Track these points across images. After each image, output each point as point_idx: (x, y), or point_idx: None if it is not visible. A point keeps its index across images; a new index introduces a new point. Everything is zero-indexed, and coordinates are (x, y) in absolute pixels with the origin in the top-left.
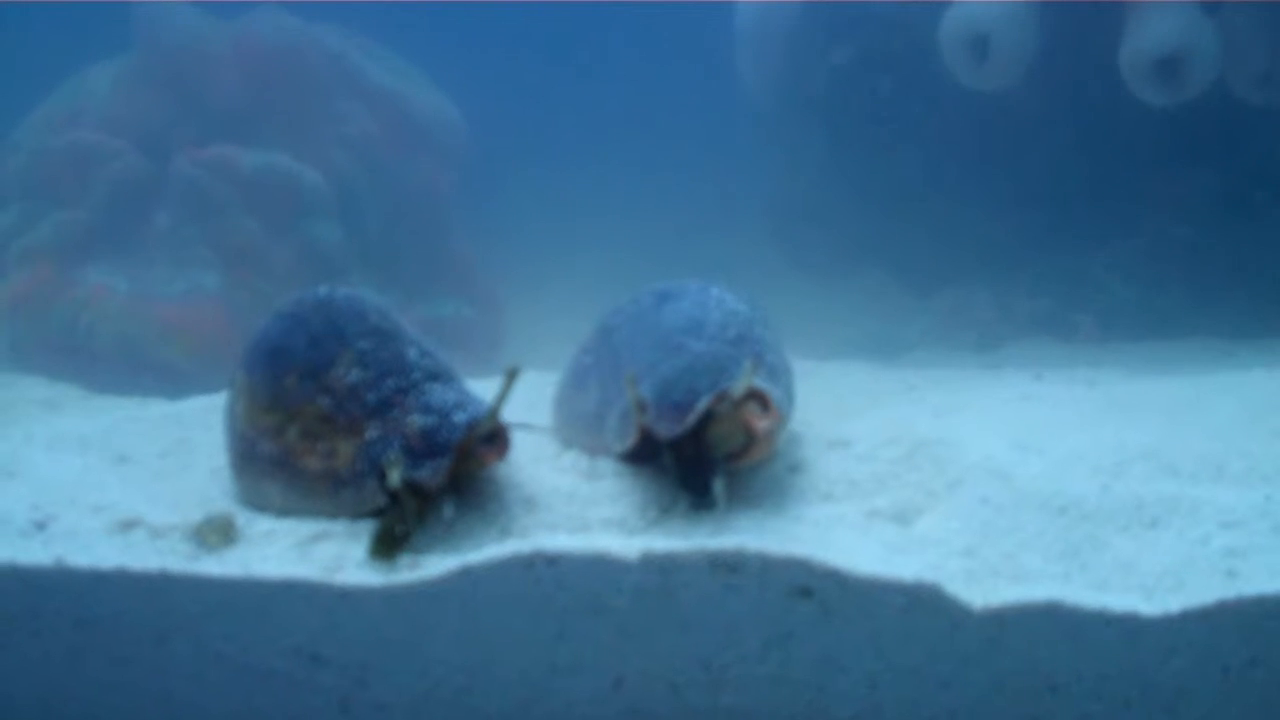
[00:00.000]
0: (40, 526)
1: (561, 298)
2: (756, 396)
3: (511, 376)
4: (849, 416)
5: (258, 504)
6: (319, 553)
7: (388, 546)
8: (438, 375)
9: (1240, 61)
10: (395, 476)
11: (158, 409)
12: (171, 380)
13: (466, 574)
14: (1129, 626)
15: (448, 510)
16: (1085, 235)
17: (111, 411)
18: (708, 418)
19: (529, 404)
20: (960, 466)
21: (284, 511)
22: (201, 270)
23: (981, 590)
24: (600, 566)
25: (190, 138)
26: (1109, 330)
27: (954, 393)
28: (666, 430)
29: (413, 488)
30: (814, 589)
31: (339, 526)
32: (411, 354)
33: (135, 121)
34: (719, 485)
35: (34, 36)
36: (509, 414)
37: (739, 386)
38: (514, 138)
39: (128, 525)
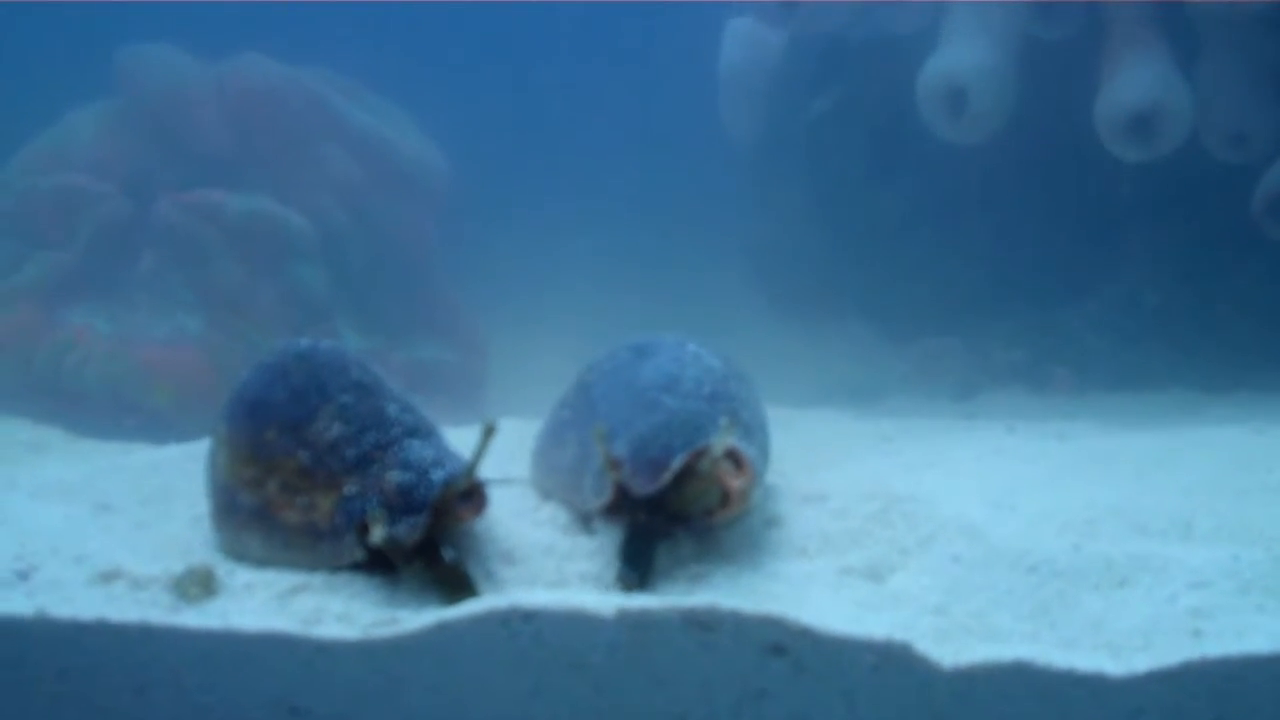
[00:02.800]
0: (23, 576)
1: (545, 338)
2: (731, 455)
3: (488, 434)
4: (825, 469)
5: (238, 555)
6: (298, 605)
7: (468, 589)
8: (417, 431)
9: (1214, 120)
10: (379, 533)
11: (140, 456)
12: (154, 423)
13: (443, 628)
14: (1096, 686)
15: (450, 554)
16: (1062, 287)
17: (95, 457)
18: (683, 475)
19: (509, 453)
20: (933, 524)
21: (264, 563)
22: (185, 314)
23: (952, 648)
24: (576, 623)
25: (174, 181)
26: (1084, 381)
27: (928, 445)
28: (641, 487)
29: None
30: (787, 647)
31: (318, 579)
32: (391, 409)
33: (119, 164)
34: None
35: (18, 78)
36: (490, 466)
37: (717, 445)
38: (498, 180)
39: (109, 576)
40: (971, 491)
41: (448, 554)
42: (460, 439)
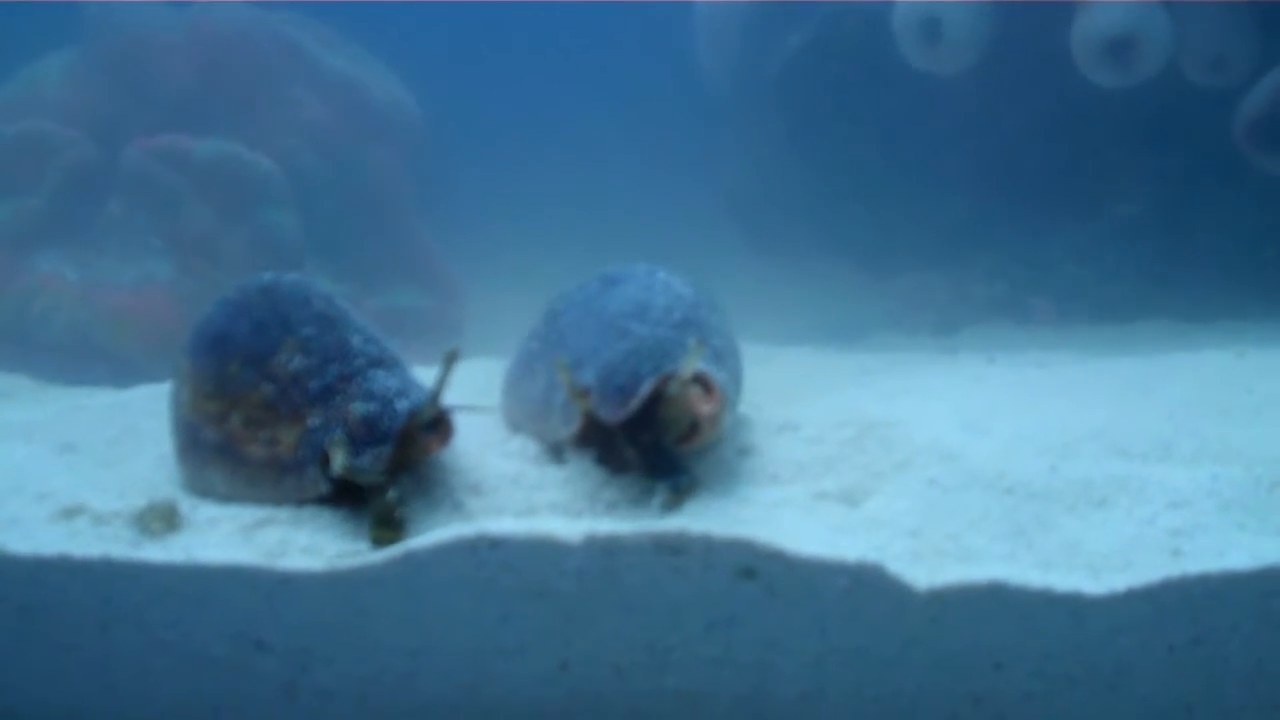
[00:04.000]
0: None
1: (522, 286)
2: (700, 380)
3: (450, 360)
4: (800, 401)
5: (202, 491)
6: (262, 539)
7: (391, 530)
8: (381, 362)
9: (1192, 45)
10: (339, 459)
11: (105, 397)
12: (123, 370)
13: (410, 558)
14: (1074, 606)
15: (392, 495)
16: (1042, 220)
17: (60, 401)
18: (657, 401)
19: (481, 390)
20: (908, 448)
21: (228, 498)
22: (153, 259)
23: (926, 570)
24: (544, 549)
25: (143, 126)
26: (1064, 314)
27: (907, 376)
28: (610, 414)
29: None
30: (758, 570)
31: (283, 513)
32: (355, 340)
33: (87, 110)
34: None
35: None
36: (460, 400)
37: (685, 369)
38: (474, 127)
39: (71, 513)
40: (948, 416)
41: (393, 493)
42: (429, 378)
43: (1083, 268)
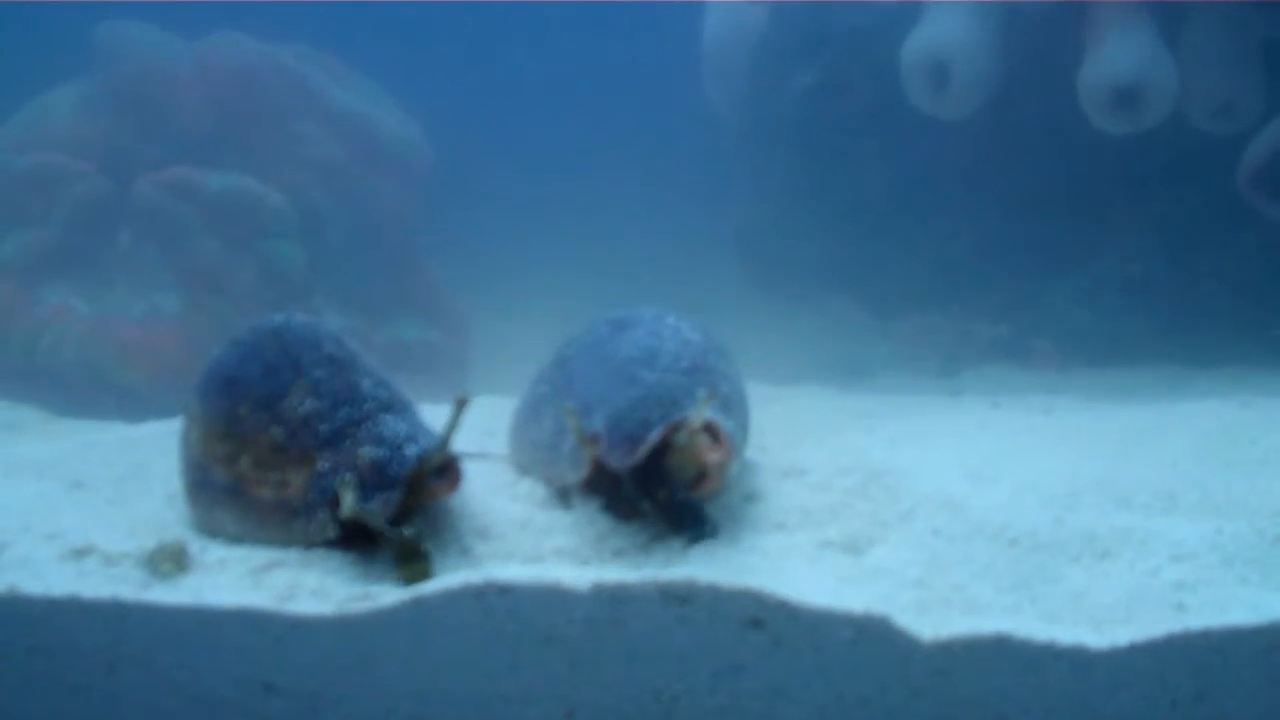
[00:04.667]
0: None
1: (529, 319)
2: (708, 429)
3: (460, 406)
4: (806, 444)
5: (211, 531)
6: (272, 581)
7: (420, 562)
8: (391, 406)
9: (1198, 92)
10: (349, 501)
11: (114, 434)
12: (132, 402)
13: (419, 604)
14: (1077, 659)
15: (410, 531)
16: (1047, 262)
17: (70, 435)
18: (660, 450)
19: (488, 430)
20: (913, 497)
21: (237, 539)
22: (162, 293)
23: (931, 621)
24: (552, 597)
25: (153, 159)
26: (1068, 356)
27: (911, 421)
28: (618, 461)
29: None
30: (765, 620)
31: (292, 555)
32: (365, 384)
33: (98, 142)
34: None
35: None
36: (467, 443)
37: (694, 420)
38: (482, 161)
39: (81, 553)
40: (952, 465)
41: (408, 530)
42: (439, 417)
43: (1086, 311)
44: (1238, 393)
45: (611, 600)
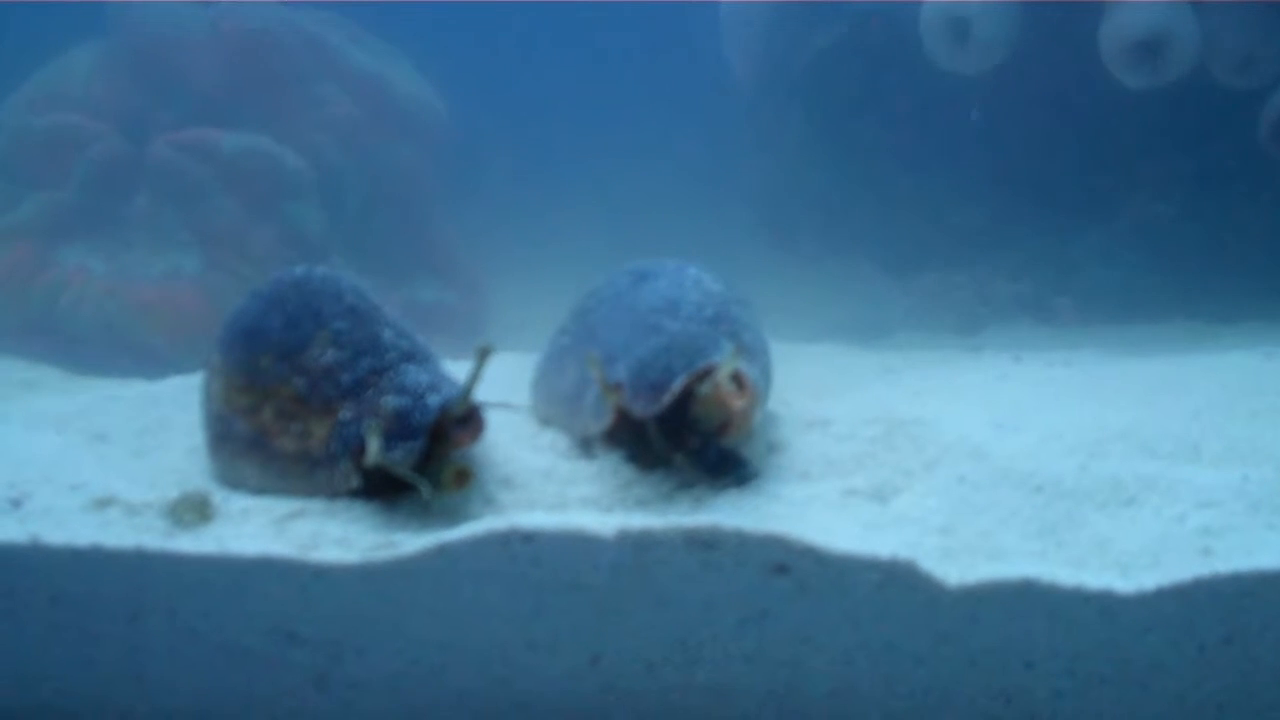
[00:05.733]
0: (15, 504)
1: (546, 283)
2: (733, 376)
3: (483, 355)
4: (828, 397)
5: (234, 483)
6: (295, 531)
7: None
8: (413, 356)
9: (1220, 46)
10: (374, 447)
11: (136, 389)
12: (150, 362)
13: (443, 551)
14: (1104, 604)
15: (425, 491)
16: (1066, 219)
17: (89, 392)
18: (684, 398)
19: (510, 385)
20: (938, 446)
21: (260, 490)
22: (180, 253)
23: (957, 567)
24: (576, 543)
25: (170, 121)
26: (1089, 313)
27: (932, 374)
28: (642, 409)
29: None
30: (790, 566)
31: (316, 504)
32: (387, 335)
33: (115, 104)
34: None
35: (12, 17)
36: (489, 395)
37: (724, 368)
38: (499, 124)
39: (103, 503)
40: (977, 414)
41: (424, 492)
42: (459, 373)
43: (1107, 268)
44: (1259, 346)
45: (636, 546)
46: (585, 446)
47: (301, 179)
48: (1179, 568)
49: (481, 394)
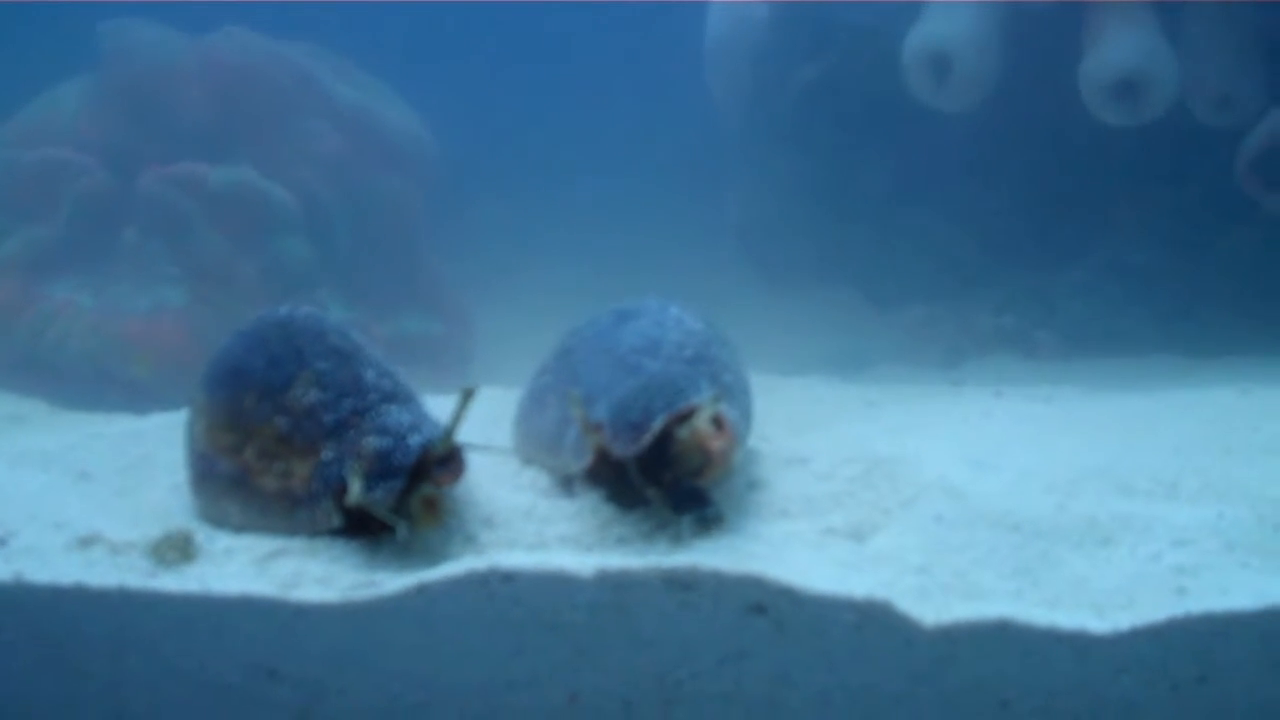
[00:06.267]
0: (1, 543)
1: (532, 313)
2: (712, 417)
3: (466, 397)
4: (808, 433)
5: (217, 521)
6: (277, 569)
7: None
8: (395, 396)
9: (1199, 84)
10: (356, 488)
11: (120, 426)
12: (137, 396)
13: (423, 591)
14: (1079, 644)
15: (401, 531)
16: (1049, 253)
17: (76, 428)
18: (664, 438)
19: (492, 420)
20: (915, 484)
21: (242, 529)
22: (167, 286)
23: (934, 607)
24: (556, 583)
25: (157, 155)
26: (1070, 347)
27: (913, 410)
28: (622, 449)
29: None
30: (767, 606)
31: (297, 544)
32: (369, 375)
33: (102, 138)
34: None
35: (2, 52)
36: (472, 434)
37: (704, 412)
38: (486, 155)
39: (87, 542)
40: (955, 452)
41: (400, 533)
42: (443, 408)
43: (1088, 303)
44: (1239, 381)
45: (615, 586)
46: (566, 485)
47: (288, 212)
48: (1153, 607)
49: (465, 430)
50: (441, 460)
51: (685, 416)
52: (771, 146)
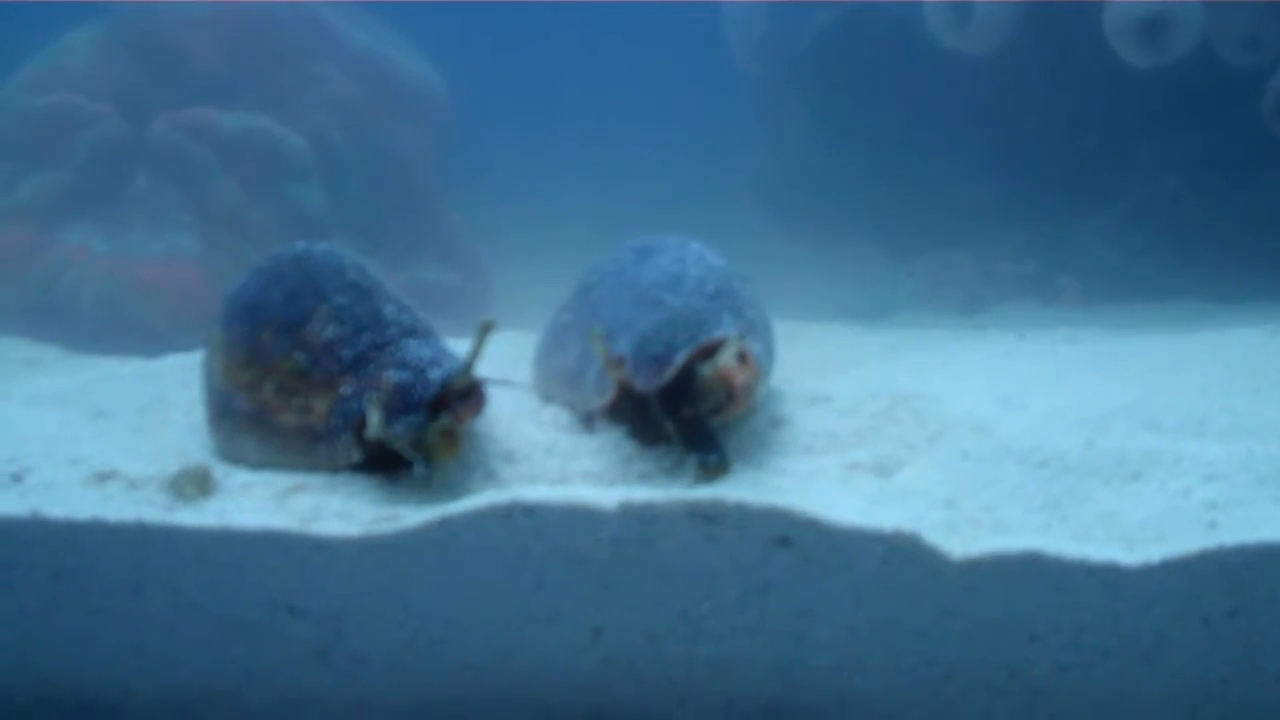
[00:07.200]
0: (16, 479)
1: (549, 264)
2: (737, 352)
3: (485, 331)
4: (831, 374)
5: (234, 458)
6: (296, 504)
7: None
8: (414, 331)
9: (1225, 24)
10: (375, 420)
11: (135, 366)
12: (150, 341)
13: (444, 524)
14: (1109, 577)
15: (419, 468)
16: (1069, 199)
17: (90, 370)
18: (687, 372)
19: (511, 362)
20: (941, 421)
21: (260, 465)
22: (180, 232)
23: (961, 540)
24: (578, 517)
25: (170, 101)
26: (1091, 292)
27: (936, 352)
28: (644, 384)
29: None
30: (793, 539)
31: (317, 478)
32: (388, 310)
33: (115, 85)
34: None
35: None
36: (490, 372)
37: (730, 346)
38: (503, 107)
39: (104, 477)
40: (981, 390)
41: (418, 469)
42: (460, 350)
43: (1110, 247)
44: (1262, 324)
45: (639, 519)
46: (587, 422)
47: (302, 159)
48: (1184, 541)
49: (484, 370)
50: (462, 394)
51: (709, 351)
52: (787, 96)
